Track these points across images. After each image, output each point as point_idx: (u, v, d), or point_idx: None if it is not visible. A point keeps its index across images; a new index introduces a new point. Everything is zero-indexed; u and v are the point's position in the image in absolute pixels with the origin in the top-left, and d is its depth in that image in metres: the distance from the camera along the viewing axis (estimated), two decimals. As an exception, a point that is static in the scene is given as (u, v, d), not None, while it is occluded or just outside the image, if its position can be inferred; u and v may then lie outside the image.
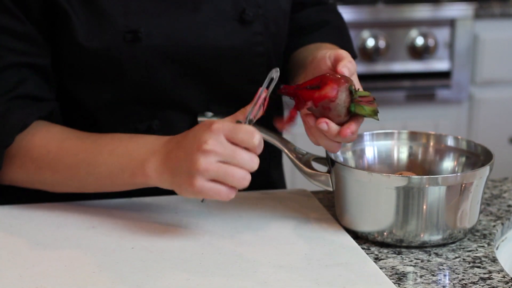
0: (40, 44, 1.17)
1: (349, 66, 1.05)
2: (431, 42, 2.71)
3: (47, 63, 1.18)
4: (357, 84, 1.08)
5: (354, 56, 1.39)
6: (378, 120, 1.05)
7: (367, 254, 1.05)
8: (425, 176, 1.04)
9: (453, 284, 0.98)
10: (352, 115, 1.05)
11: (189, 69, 1.20)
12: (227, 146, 0.99)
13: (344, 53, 1.08)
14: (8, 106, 1.14)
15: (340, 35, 1.37)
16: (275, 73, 1.02)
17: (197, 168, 0.98)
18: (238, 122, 1.02)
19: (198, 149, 0.99)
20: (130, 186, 1.10)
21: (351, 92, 1.04)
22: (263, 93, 1.02)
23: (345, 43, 1.37)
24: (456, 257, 1.05)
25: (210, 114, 1.22)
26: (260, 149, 1.00)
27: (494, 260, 1.04)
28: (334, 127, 1.04)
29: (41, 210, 1.17)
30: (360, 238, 1.09)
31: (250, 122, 1.02)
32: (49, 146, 1.13)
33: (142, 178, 1.07)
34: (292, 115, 1.04)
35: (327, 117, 1.04)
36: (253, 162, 0.99)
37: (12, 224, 1.13)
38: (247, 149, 0.99)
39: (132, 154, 1.08)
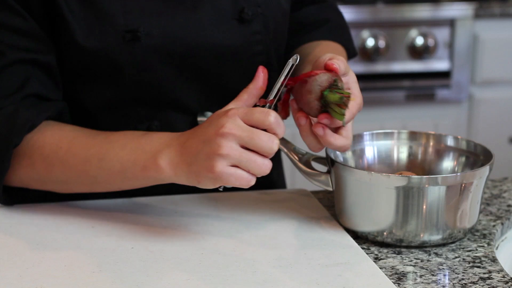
0: (43, 41, 1.16)
1: (337, 63, 1.04)
2: (431, 42, 2.72)
3: (52, 61, 1.17)
4: (356, 89, 1.06)
5: (354, 54, 1.39)
6: (341, 119, 1.02)
7: (367, 254, 1.05)
8: (425, 176, 1.04)
9: (453, 284, 0.98)
10: (323, 110, 1.04)
11: (188, 68, 1.20)
12: (245, 128, 0.98)
13: (331, 54, 1.08)
14: (17, 107, 1.13)
15: (340, 33, 1.37)
16: (292, 60, 1.02)
17: (219, 152, 0.97)
18: (255, 106, 1.02)
19: (216, 134, 0.98)
20: (142, 181, 1.08)
21: (334, 83, 1.02)
22: (280, 79, 1.02)
23: (345, 40, 1.37)
24: (456, 257, 1.05)
25: (209, 114, 1.22)
26: (278, 127, 0.99)
27: (494, 260, 1.04)
28: (329, 132, 1.03)
29: (41, 210, 1.17)
30: (360, 238, 1.09)
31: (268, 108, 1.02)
32: (61, 143, 1.12)
33: (154, 172, 1.04)
34: (285, 98, 1.06)
35: (300, 92, 1.03)
36: (273, 143, 0.98)
37: (12, 224, 1.13)
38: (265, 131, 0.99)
39: (145, 147, 1.06)
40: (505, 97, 2.84)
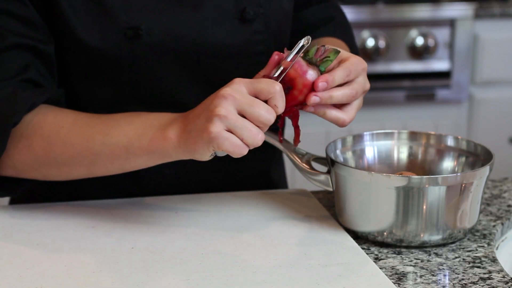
0: (43, 31, 1.15)
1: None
2: (431, 42, 2.72)
3: (51, 51, 1.16)
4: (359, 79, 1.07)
5: (356, 53, 1.39)
6: (334, 56, 1.04)
7: (367, 254, 1.05)
8: (425, 176, 1.04)
9: (453, 284, 0.98)
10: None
11: (189, 67, 1.20)
12: (246, 95, 0.98)
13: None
14: (17, 87, 1.11)
15: (343, 31, 1.38)
16: (304, 41, 1.03)
17: (216, 113, 0.97)
18: None
19: (216, 95, 0.98)
20: (146, 157, 1.07)
21: (307, 57, 1.03)
22: (289, 58, 1.02)
23: (348, 39, 1.37)
24: (456, 257, 1.05)
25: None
26: (281, 98, 0.99)
27: (494, 260, 1.04)
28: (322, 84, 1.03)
29: (41, 210, 1.17)
30: (360, 238, 1.09)
31: None
32: (62, 122, 1.11)
33: (161, 142, 1.04)
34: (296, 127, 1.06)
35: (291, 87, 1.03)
36: (270, 114, 0.98)
37: (12, 224, 1.13)
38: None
39: (154, 122, 1.06)
40: (505, 97, 2.84)
